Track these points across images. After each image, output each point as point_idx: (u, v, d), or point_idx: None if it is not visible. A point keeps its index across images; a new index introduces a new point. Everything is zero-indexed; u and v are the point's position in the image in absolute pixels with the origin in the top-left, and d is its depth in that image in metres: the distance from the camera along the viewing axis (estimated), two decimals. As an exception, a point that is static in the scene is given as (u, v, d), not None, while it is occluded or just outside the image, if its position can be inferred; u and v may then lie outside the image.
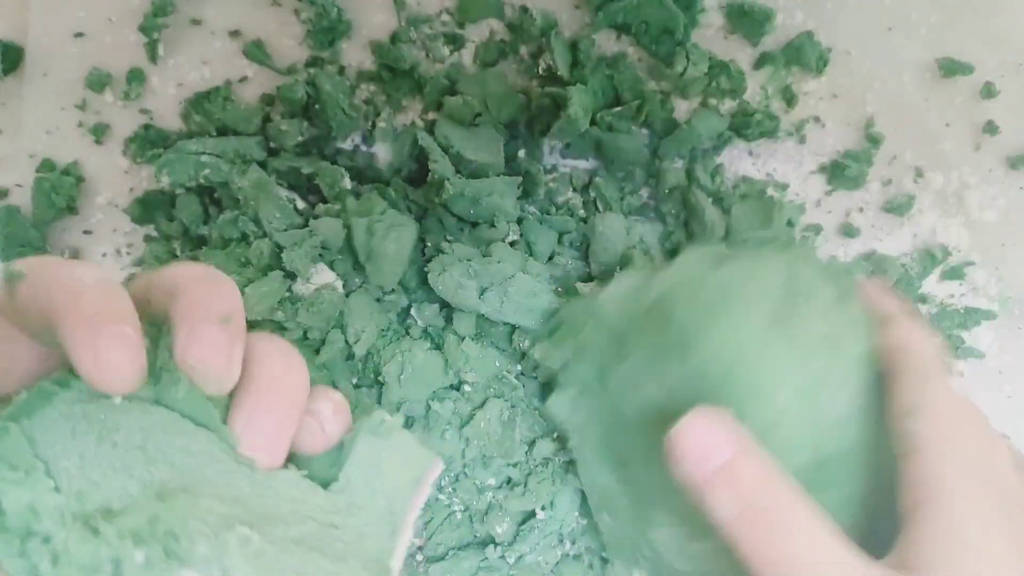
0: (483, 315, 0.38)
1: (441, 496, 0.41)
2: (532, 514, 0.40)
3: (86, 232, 0.42)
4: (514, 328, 0.39)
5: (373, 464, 0.22)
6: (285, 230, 0.37)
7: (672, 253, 0.41)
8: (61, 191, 0.40)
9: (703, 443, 0.25)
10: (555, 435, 0.40)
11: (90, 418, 0.19)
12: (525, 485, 0.39)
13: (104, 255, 0.42)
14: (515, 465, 0.40)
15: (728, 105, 0.42)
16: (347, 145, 0.42)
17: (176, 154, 0.38)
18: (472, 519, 0.41)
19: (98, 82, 0.40)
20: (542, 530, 0.39)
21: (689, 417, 0.26)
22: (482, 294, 0.37)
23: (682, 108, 0.42)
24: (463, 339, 0.39)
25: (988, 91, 0.42)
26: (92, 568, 0.17)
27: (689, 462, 0.25)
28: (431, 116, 0.42)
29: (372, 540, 0.21)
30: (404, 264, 0.37)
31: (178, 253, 0.40)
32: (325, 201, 0.39)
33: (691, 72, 0.40)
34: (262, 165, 0.39)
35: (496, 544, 0.40)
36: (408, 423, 0.40)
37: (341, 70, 0.41)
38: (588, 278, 0.40)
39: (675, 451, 0.26)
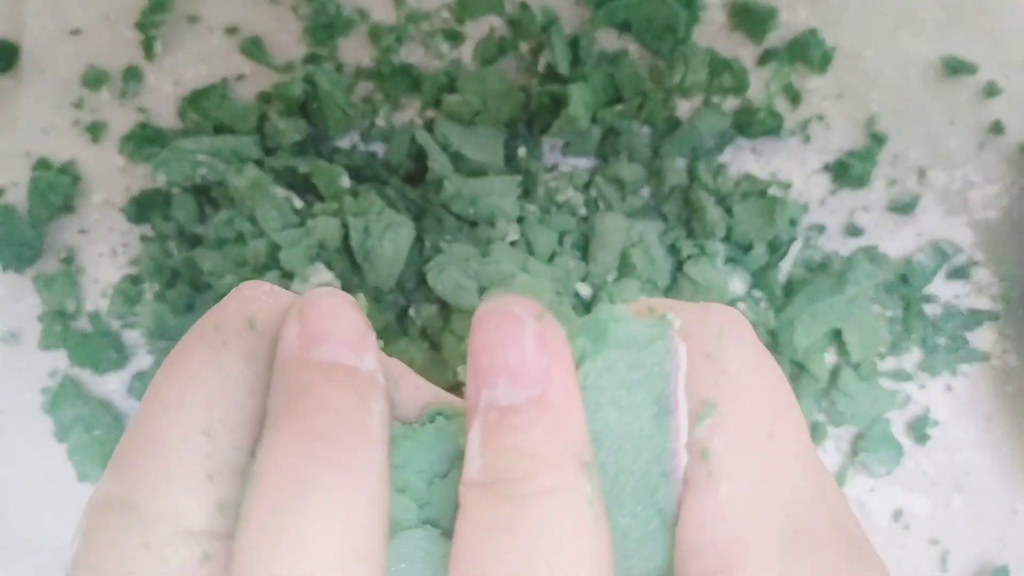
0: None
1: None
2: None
3: (82, 231, 0.41)
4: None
5: None
6: (282, 229, 0.37)
7: (673, 252, 0.41)
8: (57, 190, 0.40)
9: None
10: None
11: None
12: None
13: (100, 254, 0.41)
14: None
15: (731, 103, 0.42)
16: (345, 144, 0.42)
17: (172, 152, 0.38)
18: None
19: (94, 80, 0.40)
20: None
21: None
22: (482, 294, 0.37)
23: (684, 106, 0.42)
24: (462, 339, 0.39)
25: (993, 90, 0.42)
26: None
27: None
28: (430, 114, 0.41)
29: None
30: (401, 264, 0.37)
31: (174, 253, 0.40)
32: (322, 200, 0.39)
33: (690, 79, 0.39)
34: (259, 164, 0.39)
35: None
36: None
37: (339, 67, 0.41)
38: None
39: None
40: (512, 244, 0.39)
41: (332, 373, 0.15)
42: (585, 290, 0.40)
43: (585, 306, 0.40)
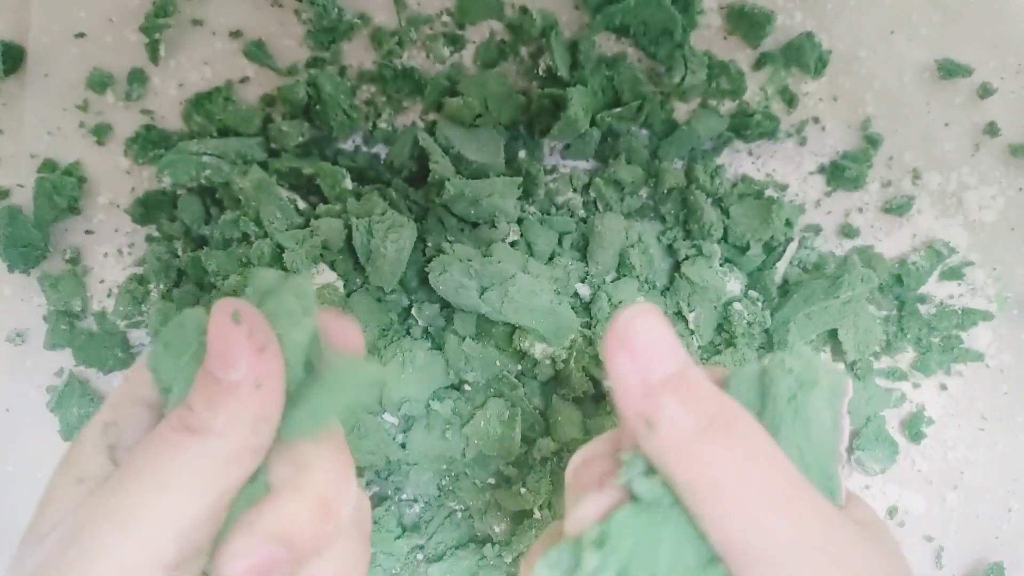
0: (483, 315, 0.38)
1: (441, 496, 0.42)
2: (530, 513, 0.40)
3: (88, 232, 0.42)
4: (514, 328, 0.39)
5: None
6: (286, 230, 0.37)
7: (670, 252, 0.41)
8: (63, 191, 0.40)
9: (653, 344, 0.21)
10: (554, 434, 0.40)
11: None
12: (523, 484, 0.39)
13: (105, 255, 0.42)
14: (514, 464, 0.40)
15: (728, 106, 0.42)
16: (348, 146, 0.42)
17: (177, 155, 0.38)
18: (471, 518, 0.41)
19: (99, 83, 0.41)
20: (539, 529, 0.39)
21: (636, 310, 0.21)
22: (482, 294, 0.37)
23: (682, 109, 0.42)
24: (463, 339, 0.39)
25: (987, 92, 0.42)
26: None
27: (638, 366, 0.21)
28: (431, 117, 0.42)
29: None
30: (404, 265, 0.38)
31: (179, 253, 0.41)
32: (326, 201, 0.39)
33: (689, 81, 0.40)
34: (263, 166, 0.39)
35: (494, 543, 0.41)
36: (408, 423, 0.40)
37: (342, 71, 0.41)
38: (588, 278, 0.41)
39: (620, 348, 0.21)
40: (512, 245, 0.40)
41: (204, 380, 0.22)
42: (584, 290, 0.40)
43: (585, 306, 0.40)
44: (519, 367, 0.40)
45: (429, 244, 0.39)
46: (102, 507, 0.20)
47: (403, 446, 0.40)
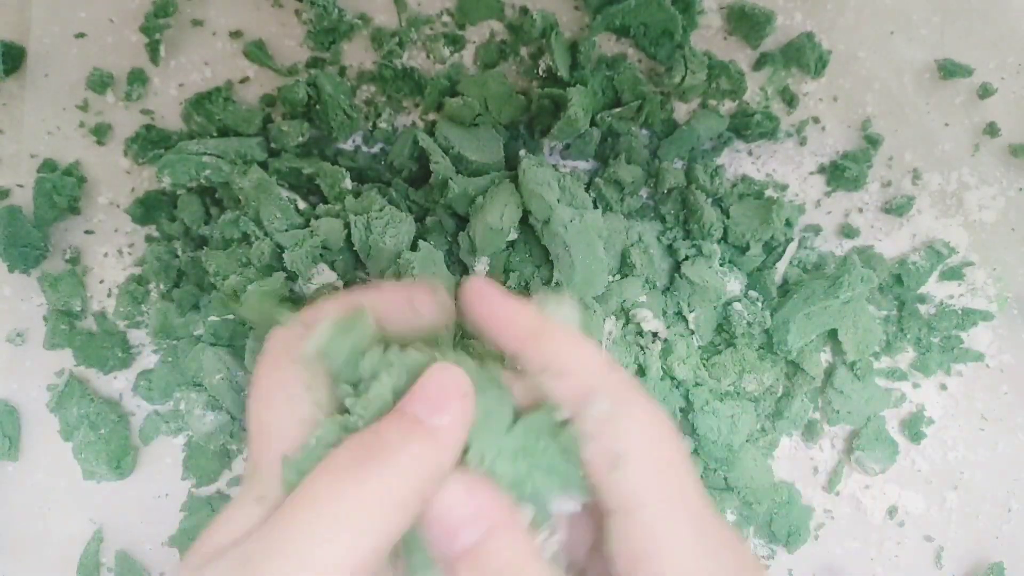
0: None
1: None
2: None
3: (88, 232, 0.42)
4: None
5: None
6: (286, 230, 0.37)
7: (671, 252, 0.41)
8: (63, 191, 0.40)
9: (455, 515, 0.22)
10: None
11: None
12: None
13: (106, 255, 0.42)
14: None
15: (728, 106, 0.42)
16: (348, 146, 0.42)
17: (177, 155, 0.38)
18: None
19: (99, 83, 0.41)
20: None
21: (451, 482, 0.22)
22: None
23: (682, 109, 0.42)
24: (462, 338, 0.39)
25: (987, 92, 0.42)
26: None
27: (440, 535, 0.22)
28: (432, 117, 0.42)
29: None
30: (402, 260, 0.37)
31: (179, 253, 0.41)
32: (326, 202, 0.39)
33: (689, 81, 0.40)
34: (263, 166, 0.39)
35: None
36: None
37: (342, 71, 0.41)
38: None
39: (429, 523, 0.22)
40: (513, 244, 0.40)
41: (401, 418, 0.22)
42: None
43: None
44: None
45: (431, 243, 0.39)
46: (273, 539, 0.20)
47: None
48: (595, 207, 0.40)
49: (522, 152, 0.40)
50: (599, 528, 0.23)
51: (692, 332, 0.41)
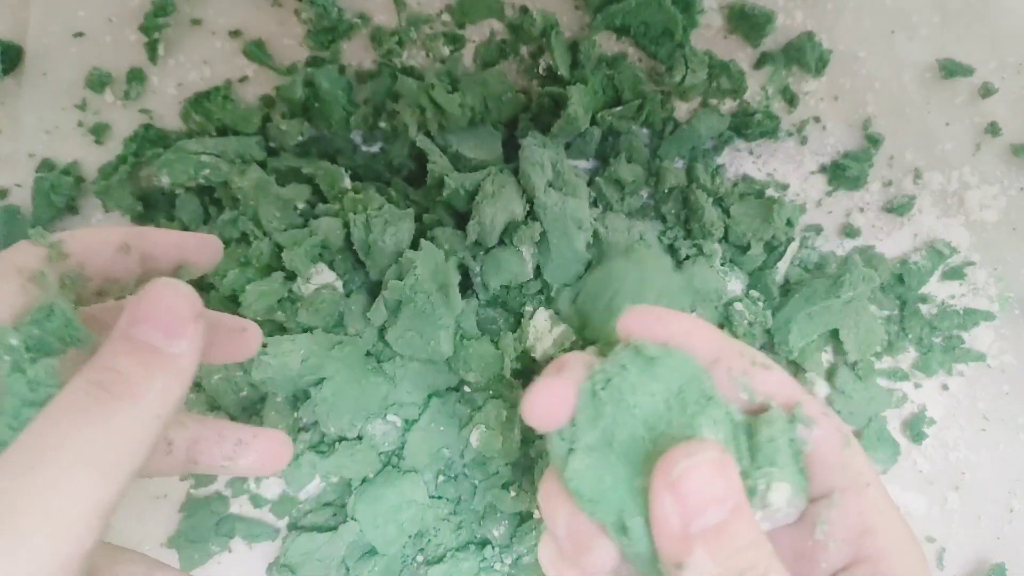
0: (484, 314, 0.38)
1: (440, 498, 0.41)
2: (529, 515, 0.40)
3: (86, 232, 0.42)
4: (515, 328, 0.39)
5: None
6: (285, 230, 0.37)
7: (672, 251, 0.41)
8: (61, 191, 0.40)
9: (701, 491, 0.21)
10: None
11: None
12: (520, 486, 0.39)
13: (104, 255, 0.42)
14: (513, 466, 0.40)
15: (729, 105, 0.42)
16: (347, 145, 0.42)
17: (176, 154, 0.38)
18: (471, 521, 0.41)
19: (98, 82, 0.40)
20: (539, 530, 0.39)
21: (692, 449, 0.22)
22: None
23: (683, 108, 0.42)
24: (463, 339, 0.39)
25: (988, 91, 0.42)
26: None
27: (683, 512, 0.21)
28: (430, 116, 0.42)
29: None
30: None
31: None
32: (325, 201, 0.39)
33: (690, 80, 0.40)
34: (262, 165, 0.39)
35: (494, 546, 0.40)
36: (407, 425, 0.40)
37: (341, 70, 0.41)
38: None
39: (667, 487, 0.21)
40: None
41: (135, 347, 0.21)
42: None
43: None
44: (519, 366, 0.40)
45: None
46: (20, 488, 0.18)
47: (403, 447, 0.40)
48: (595, 204, 0.40)
49: (528, 137, 0.39)
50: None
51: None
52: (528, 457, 0.40)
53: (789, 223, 0.41)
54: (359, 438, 0.39)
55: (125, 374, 0.20)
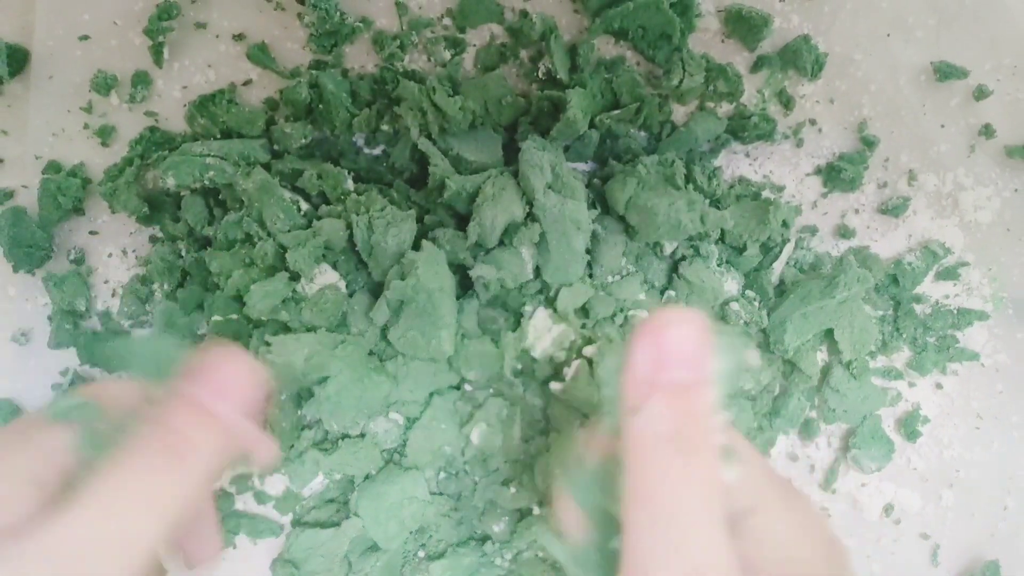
0: (484, 314, 0.39)
1: (441, 494, 0.42)
2: (529, 511, 0.40)
3: (92, 233, 0.42)
4: (516, 326, 0.39)
5: None
6: (289, 231, 0.37)
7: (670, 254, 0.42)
8: (67, 192, 0.40)
9: (680, 346, 0.22)
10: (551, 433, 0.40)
11: None
12: (520, 483, 0.40)
13: (110, 255, 0.42)
14: (513, 463, 0.40)
15: (725, 108, 0.43)
16: (349, 148, 0.42)
17: (181, 156, 0.39)
18: (471, 517, 0.42)
19: (104, 85, 0.41)
20: (540, 527, 0.39)
21: (685, 316, 0.22)
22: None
23: (680, 111, 0.43)
24: (464, 339, 0.39)
25: (983, 93, 0.42)
26: None
27: (657, 359, 0.22)
28: (432, 119, 0.42)
29: None
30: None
31: (183, 254, 0.41)
32: (328, 203, 0.39)
33: (687, 83, 0.40)
34: (266, 167, 0.39)
35: (494, 541, 0.41)
36: (409, 423, 0.40)
37: (344, 73, 0.42)
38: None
39: (649, 335, 0.22)
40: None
41: (190, 407, 0.24)
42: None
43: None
44: (519, 366, 0.40)
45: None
46: (85, 530, 0.21)
47: (405, 444, 0.40)
48: (594, 206, 0.40)
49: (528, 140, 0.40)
50: None
51: (690, 332, 0.41)
52: (528, 454, 0.40)
53: (785, 224, 0.41)
54: (362, 435, 0.40)
55: (184, 433, 0.23)
